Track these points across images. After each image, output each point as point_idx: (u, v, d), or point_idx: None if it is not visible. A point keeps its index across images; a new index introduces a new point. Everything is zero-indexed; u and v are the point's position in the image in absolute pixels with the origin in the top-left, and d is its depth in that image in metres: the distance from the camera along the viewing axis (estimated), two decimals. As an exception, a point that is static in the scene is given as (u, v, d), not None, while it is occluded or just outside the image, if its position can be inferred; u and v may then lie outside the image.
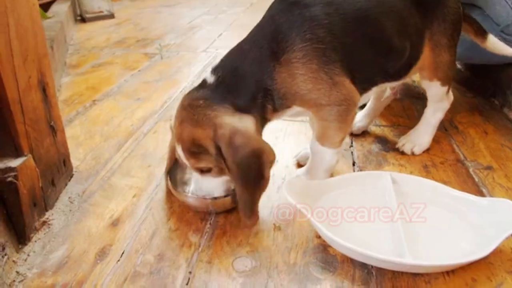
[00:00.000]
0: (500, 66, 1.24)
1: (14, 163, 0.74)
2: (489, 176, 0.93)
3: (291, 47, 0.75)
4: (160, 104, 1.40)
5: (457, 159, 1.00)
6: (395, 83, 0.97)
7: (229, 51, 0.81)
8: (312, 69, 0.76)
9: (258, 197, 0.74)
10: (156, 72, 1.74)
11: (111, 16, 2.92)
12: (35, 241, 0.78)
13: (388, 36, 0.83)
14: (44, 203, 0.84)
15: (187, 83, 1.58)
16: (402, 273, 0.68)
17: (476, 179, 0.92)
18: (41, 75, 0.85)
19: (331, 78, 0.77)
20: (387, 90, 1.09)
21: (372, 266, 0.69)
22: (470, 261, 0.66)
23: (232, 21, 2.68)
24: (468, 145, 1.06)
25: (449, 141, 1.09)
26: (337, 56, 0.77)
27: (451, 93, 1.03)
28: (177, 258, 0.73)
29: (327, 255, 0.72)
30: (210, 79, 0.77)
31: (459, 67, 1.53)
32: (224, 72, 0.77)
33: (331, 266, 0.70)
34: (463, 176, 0.93)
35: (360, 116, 1.13)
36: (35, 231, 0.80)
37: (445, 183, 0.86)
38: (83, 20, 2.86)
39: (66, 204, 0.89)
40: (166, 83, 1.60)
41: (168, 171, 0.90)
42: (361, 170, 0.97)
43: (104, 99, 1.47)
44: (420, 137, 1.04)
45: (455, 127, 1.16)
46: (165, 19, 2.86)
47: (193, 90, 0.79)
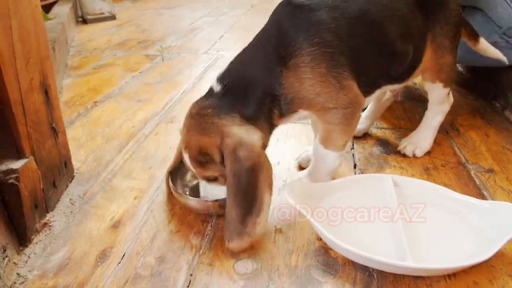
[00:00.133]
0: (502, 68, 1.24)
1: (16, 165, 0.74)
2: (490, 179, 0.93)
3: (299, 52, 0.75)
4: (162, 106, 1.40)
5: (459, 161, 1.00)
6: (398, 86, 0.97)
7: (234, 58, 0.81)
8: (320, 73, 0.76)
9: (248, 224, 0.69)
10: (157, 73, 1.74)
11: (112, 17, 2.93)
12: (36, 243, 0.78)
13: (392, 39, 0.84)
14: (45, 205, 0.84)
15: (188, 85, 1.58)
16: (403, 276, 0.68)
17: (478, 182, 0.92)
18: (43, 77, 0.85)
19: (339, 81, 0.77)
20: (387, 92, 1.09)
21: (373, 269, 0.69)
22: (472, 264, 0.66)
23: (233, 23, 2.69)
24: (469, 148, 1.06)
25: (451, 143, 1.09)
26: (345, 59, 0.77)
27: (451, 95, 1.03)
28: (178, 260, 0.73)
29: (328, 258, 0.72)
30: (217, 87, 0.77)
31: (460, 69, 1.53)
32: (230, 80, 0.77)
33: (332, 269, 0.70)
34: (465, 179, 0.93)
35: (361, 118, 1.13)
36: (36, 233, 0.80)
37: (446, 185, 0.87)
38: (84, 21, 2.87)
39: (67, 206, 0.89)
40: (167, 85, 1.60)
41: (170, 172, 0.90)
42: (362, 173, 0.97)
43: (105, 100, 1.47)
44: (421, 140, 1.04)
45: (456, 129, 1.16)
46: (166, 20, 2.87)
47: (201, 99, 0.79)
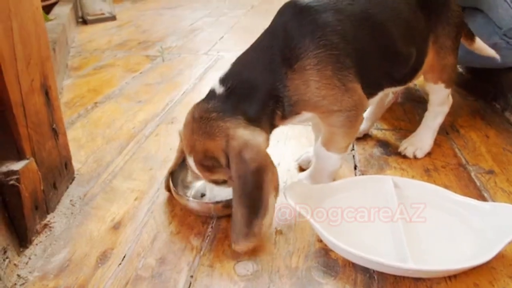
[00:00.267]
0: (502, 69, 1.24)
1: (16, 166, 0.74)
2: (491, 180, 0.93)
3: (306, 54, 0.74)
4: (162, 107, 1.40)
5: (459, 163, 1.00)
6: (401, 88, 0.97)
7: (236, 59, 0.80)
8: (326, 75, 0.75)
9: (254, 226, 0.69)
10: (158, 74, 1.75)
11: (112, 18, 2.93)
12: (37, 244, 0.78)
13: (396, 41, 0.84)
14: (46, 206, 0.84)
15: (188, 86, 1.58)
16: (403, 278, 0.68)
17: (478, 184, 0.92)
18: (44, 78, 0.85)
19: (344, 84, 0.76)
20: (390, 94, 1.09)
21: (373, 271, 0.69)
22: (473, 265, 0.66)
23: (233, 23, 2.69)
24: (469, 149, 1.06)
25: (451, 145, 1.09)
26: (350, 62, 0.77)
27: (450, 96, 1.03)
28: (178, 262, 0.73)
29: (328, 259, 0.72)
30: (219, 89, 0.76)
31: (460, 70, 1.54)
32: (233, 82, 0.76)
33: (332, 270, 0.70)
34: (465, 180, 0.93)
35: (362, 120, 1.13)
36: (36, 234, 0.80)
37: (446, 187, 0.86)
38: (84, 22, 2.87)
39: (68, 207, 0.89)
40: (167, 86, 1.60)
41: (170, 173, 0.90)
42: (362, 174, 0.97)
43: (105, 101, 1.47)
44: (421, 141, 1.04)
45: (456, 131, 1.16)
46: (166, 21, 2.87)
47: (202, 102, 0.77)
